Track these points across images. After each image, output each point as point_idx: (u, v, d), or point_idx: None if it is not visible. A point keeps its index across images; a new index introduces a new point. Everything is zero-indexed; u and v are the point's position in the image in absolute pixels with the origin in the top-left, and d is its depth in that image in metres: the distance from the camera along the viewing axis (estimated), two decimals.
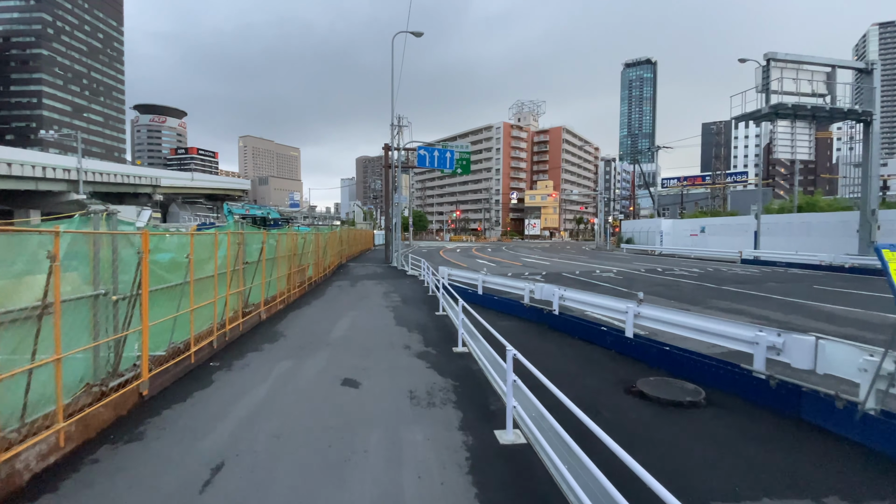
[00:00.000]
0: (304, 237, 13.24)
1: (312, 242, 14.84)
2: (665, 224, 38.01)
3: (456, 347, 7.04)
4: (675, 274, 18.78)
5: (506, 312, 10.16)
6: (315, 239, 15.14)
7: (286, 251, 11.16)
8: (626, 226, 48.86)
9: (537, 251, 41.13)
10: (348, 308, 10.55)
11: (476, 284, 12.01)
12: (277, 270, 10.02)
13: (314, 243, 15.02)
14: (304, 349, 6.81)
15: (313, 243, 14.91)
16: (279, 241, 10.44)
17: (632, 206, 57.19)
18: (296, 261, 12.17)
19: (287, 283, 11.26)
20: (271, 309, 9.48)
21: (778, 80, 19.57)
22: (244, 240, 7.99)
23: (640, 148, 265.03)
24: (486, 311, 9.91)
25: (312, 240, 14.76)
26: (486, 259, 28.59)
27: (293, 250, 11.78)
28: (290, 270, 11.42)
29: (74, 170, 58.14)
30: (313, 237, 14.54)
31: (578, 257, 31.07)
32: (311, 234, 14.56)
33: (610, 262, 26.41)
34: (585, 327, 7.72)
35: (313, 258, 15.01)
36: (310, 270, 14.25)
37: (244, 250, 7.98)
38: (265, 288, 9.21)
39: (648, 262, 26.83)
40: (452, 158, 20.44)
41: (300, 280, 12.74)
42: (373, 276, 17.73)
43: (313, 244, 14.91)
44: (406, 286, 14.94)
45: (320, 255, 16.15)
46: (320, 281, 15.82)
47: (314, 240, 14.99)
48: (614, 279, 16.65)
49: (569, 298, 8.53)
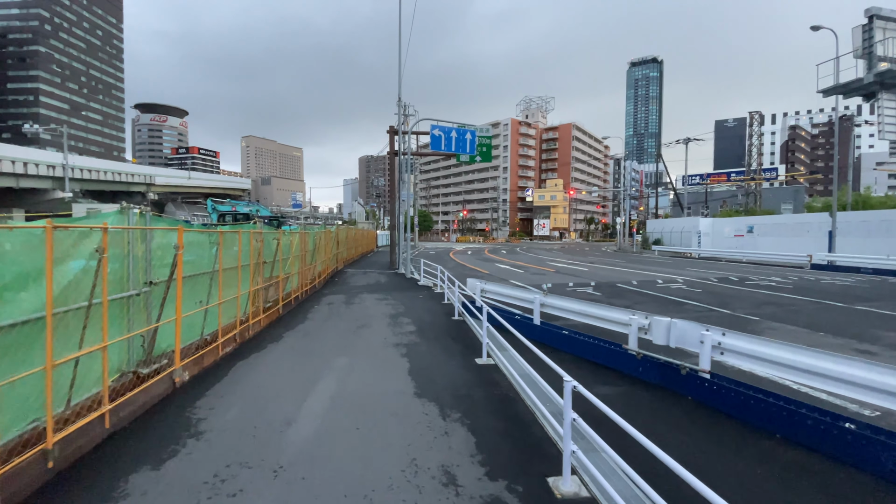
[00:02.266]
0: (275, 238, 9.46)
1: (295, 246, 11.00)
2: (704, 223, 33.91)
3: (555, 478, 3.14)
4: (761, 285, 14.76)
5: (589, 359, 6.26)
6: (299, 241, 11.30)
7: (248, 258, 7.35)
8: (652, 225, 44.78)
9: (559, 253, 37.14)
10: (336, 350, 6.67)
11: (527, 307, 8.12)
12: (222, 291, 6.16)
13: (298, 246, 11.18)
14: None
15: (296, 246, 11.08)
16: (242, 244, 6.64)
17: (655, 206, 52.98)
18: (262, 272, 8.33)
19: (250, 303, 7.43)
20: (204, 359, 5.61)
21: (883, 43, 15.55)
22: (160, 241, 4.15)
23: (645, 147, 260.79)
24: (556, 355, 5.99)
25: (294, 242, 10.92)
26: (506, 263, 24.64)
27: (256, 258, 7.92)
28: (252, 288, 7.58)
29: (60, 166, 54.84)
30: (292, 239, 10.70)
31: (613, 261, 27.05)
32: (290, 234, 10.72)
33: (656, 267, 22.40)
34: (800, 423, 3.80)
35: (297, 265, 11.18)
36: (290, 283, 10.42)
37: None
38: (202, 320, 5.40)
39: (700, 267, 22.79)
40: (473, 141, 16.61)
41: (272, 298, 8.90)
42: (375, 288, 13.86)
43: (296, 247, 11.08)
44: (420, 304, 11.06)
45: (306, 262, 12.32)
46: (306, 296, 11.98)
47: (298, 242, 11.15)
48: (695, 294, 12.66)
49: (735, 351, 4.60)
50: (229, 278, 6.48)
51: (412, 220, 47.04)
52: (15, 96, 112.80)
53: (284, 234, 10.26)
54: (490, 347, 6.28)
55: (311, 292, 12.53)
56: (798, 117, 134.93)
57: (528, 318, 7.73)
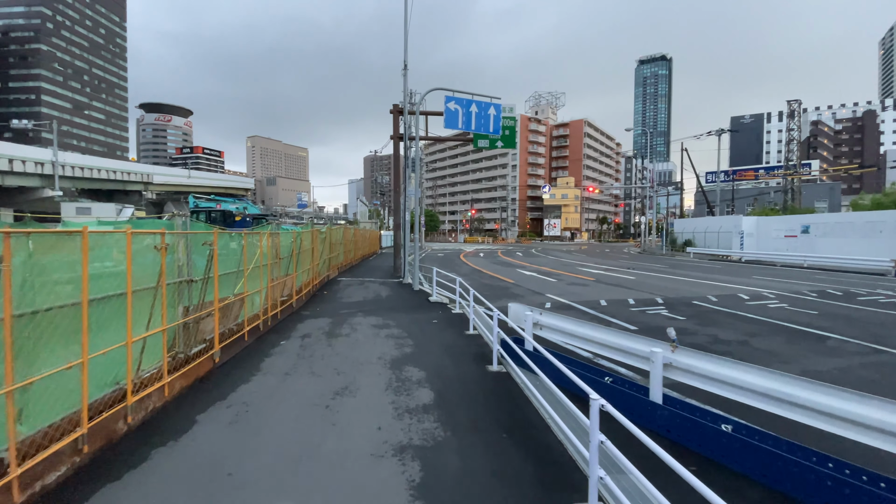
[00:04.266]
0: (234, 241, 6.13)
1: (264, 255, 7.65)
2: (747, 223, 30.11)
3: None
4: (883, 303, 11.15)
5: None
6: (268, 244, 7.94)
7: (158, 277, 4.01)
8: (680, 225, 40.98)
9: (581, 256, 33.55)
10: (278, 479, 3.24)
11: (626, 361, 4.67)
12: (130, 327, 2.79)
13: (267, 254, 7.82)
14: None
15: (266, 255, 7.73)
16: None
17: (679, 205, 49.15)
18: (184, 297, 4.96)
19: (180, 342, 4.07)
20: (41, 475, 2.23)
21: None
22: None
23: (654, 146, 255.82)
24: (720, 479, 2.57)
25: (261, 251, 7.56)
26: (529, 269, 21.14)
27: (177, 277, 4.52)
28: (179, 321, 4.22)
29: (49, 163, 52.28)
30: (261, 242, 7.32)
31: (651, 266, 23.45)
32: (263, 235, 7.34)
33: (710, 274, 18.79)
34: None
35: (264, 279, 7.83)
36: (249, 306, 7.06)
37: None
38: None
39: (764, 275, 19.14)
40: (498, 119, 13.15)
41: (201, 338, 5.50)
42: (373, 307, 10.47)
43: (266, 256, 7.73)
44: (435, 336, 7.64)
45: (279, 273, 8.95)
46: (276, 321, 8.60)
47: (267, 246, 7.79)
48: (820, 321, 9.10)
49: None
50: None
51: (420, 220, 43.21)
52: (17, 95, 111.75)
53: (247, 236, 6.91)
54: (603, 481, 2.83)
55: (285, 314, 9.17)
56: (819, 112, 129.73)
57: (629, 382, 4.29)
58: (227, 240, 6.77)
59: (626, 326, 8.32)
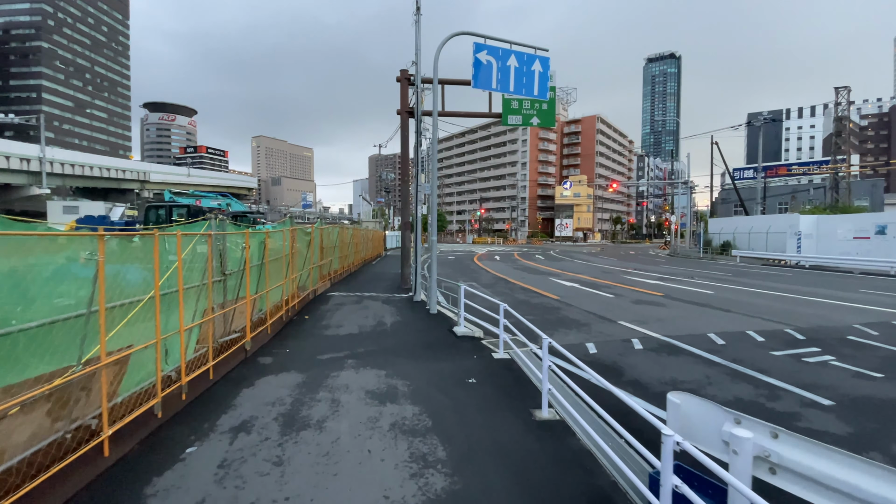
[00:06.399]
0: None
1: (196, 270, 4.21)
2: (805, 222, 26.19)
3: None
4: None
5: None
6: (205, 259, 4.50)
7: None
8: (716, 225, 37.09)
9: (613, 260, 29.85)
10: None
11: None
12: None
13: (202, 270, 4.38)
14: None
15: (197, 272, 4.29)
16: None
17: (709, 204, 45.15)
18: None
19: None
20: None
21: None
22: None
23: (663, 145, 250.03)
24: None
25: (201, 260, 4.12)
26: (564, 278, 17.50)
27: None
28: None
29: (36, 159, 49.45)
30: (179, 251, 3.86)
31: (709, 273, 19.72)
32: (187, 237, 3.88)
33: (801, 286, 15.07)
34: None
35: (194, 311, 4.40)
36: (148, 366, 3.61)
37: None
38: None
39: (860, 285, 15.37)
40: (544, 79, 9.55)
41: None
42: (372, 346, 6.94)
43: (198, 273, 4.29)
44: (483, 427, 4.09)
45: (221, 299, 5.50)
46: (212, 379, 5.12)
47: (200, 262, 4.35)
48: None
49: None
50: None
51: (426, 220, 37.69)
52: (18, 93, 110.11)
53: None
54: None
55: (226, 367, 5.70)
56: (842, 108, 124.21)
57: None
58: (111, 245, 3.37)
59: (818, 401, 4.75)
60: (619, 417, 3.20)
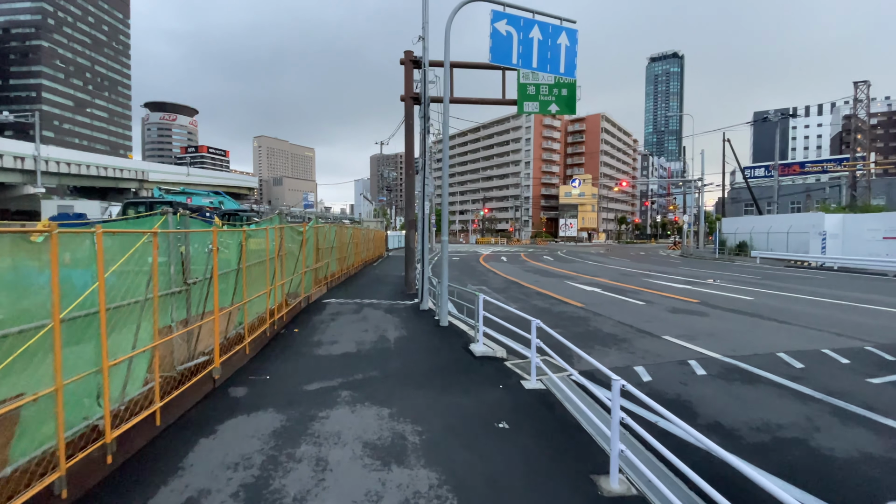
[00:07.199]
0: None
1: (143, 280, 2.97)
2: (831, 221, 24.80)
3: None
4: None
5: None
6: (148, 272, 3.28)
7: None
8: (730, 225, 35.67)
9: (626, 262, 28.53)
10: None
11: None
12: None
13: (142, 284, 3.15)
14: None
15: (143, 283, 3.06)
16: None
17: (721, 202, 43.72)
18: None
19: None
20: None
21: None
22: None
23: (665, 145, 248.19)
24: None
25: None
26: (581, 281, 16.21)
27: None
28: None
29: (31, 157, 48.40)
30: None
31: (735, 276, 18.40)
32: None
33: (838, 290, 13.74)
34: None
35: (144, 335, 3.17)
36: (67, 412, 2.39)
37: None
38: None
39: None
40: (572, 54, 8.29)
41: None
42: (372, 371, 5.69)
43: (144, 285, 3.06)
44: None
45: (185, 311, 4.26)
46: (159, 424, 3.89)
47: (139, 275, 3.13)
48: None
49: None
50: None
51: (430, 219, 34.64)
52: (17, 92, 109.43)
53: None
54: None
55: (185, 403, 4.46)
56: (849, 107, 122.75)
57: None
58: None
59: None
60: (723, 488, 1.93)
